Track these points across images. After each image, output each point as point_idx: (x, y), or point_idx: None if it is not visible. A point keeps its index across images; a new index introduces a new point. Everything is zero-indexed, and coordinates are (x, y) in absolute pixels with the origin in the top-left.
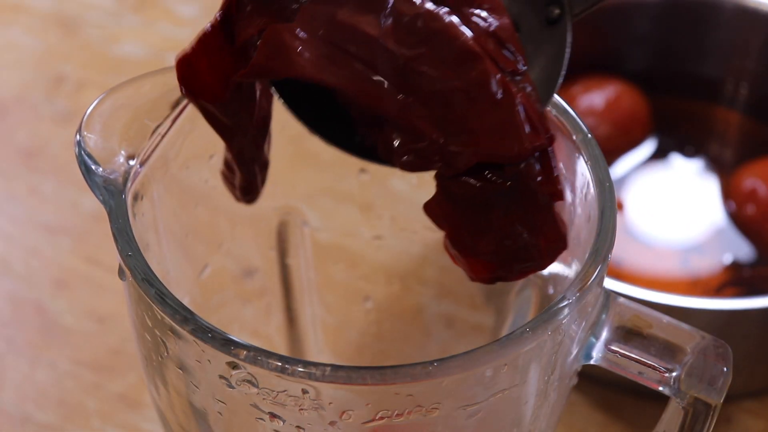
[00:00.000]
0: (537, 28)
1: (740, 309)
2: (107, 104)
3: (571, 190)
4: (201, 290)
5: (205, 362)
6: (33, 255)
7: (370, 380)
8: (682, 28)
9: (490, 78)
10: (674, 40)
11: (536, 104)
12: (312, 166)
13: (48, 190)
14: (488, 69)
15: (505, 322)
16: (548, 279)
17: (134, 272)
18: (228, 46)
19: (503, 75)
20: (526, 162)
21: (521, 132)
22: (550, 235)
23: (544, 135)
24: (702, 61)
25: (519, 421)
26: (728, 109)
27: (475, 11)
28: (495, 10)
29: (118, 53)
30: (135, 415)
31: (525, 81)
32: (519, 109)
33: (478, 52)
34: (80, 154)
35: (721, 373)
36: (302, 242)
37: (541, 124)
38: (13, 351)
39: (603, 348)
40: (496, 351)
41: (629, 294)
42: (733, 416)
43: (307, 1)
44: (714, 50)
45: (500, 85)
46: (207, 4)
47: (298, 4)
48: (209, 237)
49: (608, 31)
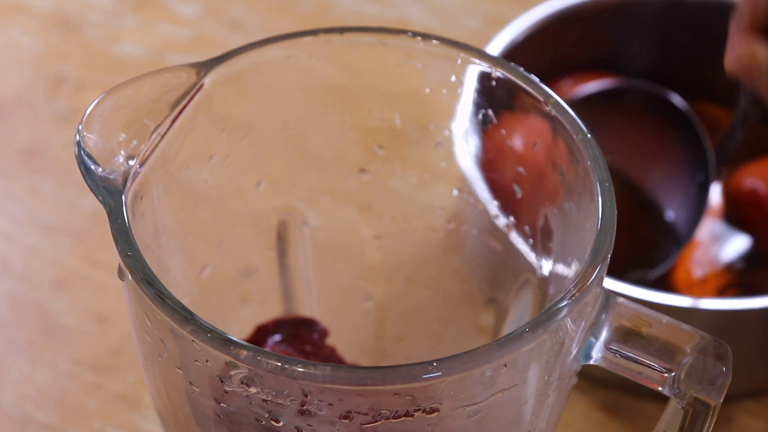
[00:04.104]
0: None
1: (740, 309)
2: (107, 104)
3: (570, 190)
4: (201, 290)
5: (204, 362)
6: (33, 255)
7: (370, 381)
8: (683, 28)
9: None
10: (675, 41)
11: None
12: (312, 166)
13: (48, 190)
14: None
15: (505, 322)
16: (548, 279)
17: (134, 272)
18: None
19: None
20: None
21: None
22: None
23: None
24: (702, 62)
25: (519, 421)
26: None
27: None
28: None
29: (118, 53)
30: (135, 415)
31: None
32: None
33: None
34: (80, 154)
35: (720, 373)
36: (302, 242)
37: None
38: (13, 351)
39: (602, 348)
40: (495, 351)
41: (629, 294)
42: (733, 416)
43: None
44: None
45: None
46: (207, 4)
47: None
48: (209, 237)
49: (609, 31)
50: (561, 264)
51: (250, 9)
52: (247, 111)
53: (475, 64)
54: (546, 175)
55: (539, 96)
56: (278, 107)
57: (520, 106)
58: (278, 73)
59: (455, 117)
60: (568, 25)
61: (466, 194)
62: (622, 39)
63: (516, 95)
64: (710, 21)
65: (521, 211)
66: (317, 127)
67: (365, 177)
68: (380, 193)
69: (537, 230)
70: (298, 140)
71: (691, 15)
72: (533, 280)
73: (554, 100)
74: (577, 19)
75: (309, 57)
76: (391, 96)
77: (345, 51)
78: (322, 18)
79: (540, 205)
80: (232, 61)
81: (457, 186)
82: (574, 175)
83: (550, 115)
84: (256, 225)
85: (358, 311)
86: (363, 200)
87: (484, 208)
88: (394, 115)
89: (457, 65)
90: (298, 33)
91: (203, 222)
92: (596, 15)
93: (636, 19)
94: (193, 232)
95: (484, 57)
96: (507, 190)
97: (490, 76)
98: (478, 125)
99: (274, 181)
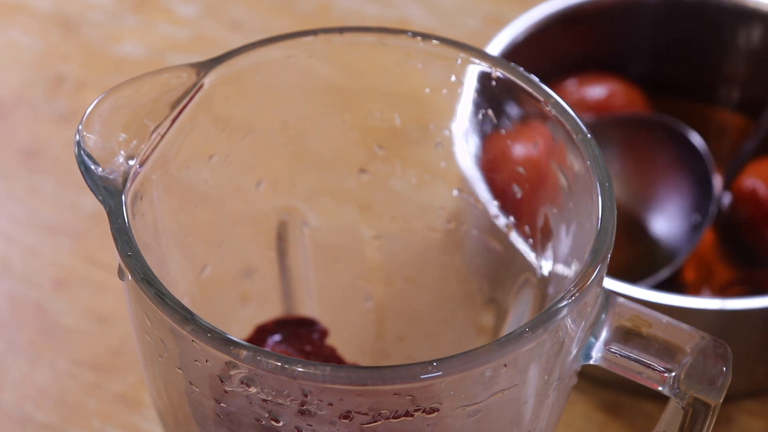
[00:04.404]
0: (683, 229)
1: (740, 309)
2: (107, 104)
3: (570, 191)
4: (201, 290)
5: (204, 362)
6: (33, 255)
7: (370, 381)
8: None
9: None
10: (675, 41)
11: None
12: (312, 166)
13: (48, 190)
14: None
15: (505, 322)
16: (548, 279)
17: (134, 272)
18: None
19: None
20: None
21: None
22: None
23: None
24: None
25: (519, 421)
26: (728, 111)
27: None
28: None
29: (118, 53)
30: (135, 415)
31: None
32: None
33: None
34: (80, 154)
35: (720, 373)
36: (302, 242)
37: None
38: (13, 351)
39: (602, 348)
40: (495, 351)
41: (629, 294)
42: (733, 416)
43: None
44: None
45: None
46: (207, 4)
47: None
48: (209, 237)
49: (609, 32)
50: (561, 264)
51: (250, 9)
52: (247, 111)
53: (475, 64)
54: (546, 175)
55: (539, 96)
56: (278, 107)
57: (520, 106)
58: (278, 73)
59: (455, 117)
60: (568, 25)
61: (466, 194)
62: (622, 39)
63: (516, 95)
64: (710, 21)
65: (521, 211)
66: (317, 127)
67: (365, 177)
68: (380, 193)
69: (537, 230)
70: (298, 140)
71: (691, 15)
72: (533, 280)
73: (554, 100)
74: (577, 19)
75: (309, 57)
76: (391, 96)
77: (345, 51)
78: (322, 18)
79: (540, 205)
80: (232, 61)
81: (457, 186)
82: (574, 175)
83: (550, 115)
84: (256, 225)
85: (358, 311)
86: (363, 200)
87: (484, 208)
88: (394, 115)
89: (457, 65)
90: (298, 33)
91: (203, 222)
92: (596, 15)
93: (636, 19)
94: (193, 232)
95: (484, 57)
96: (507, 190)
97: (490, 76)
98: (477, 125)
99: (274, 181)
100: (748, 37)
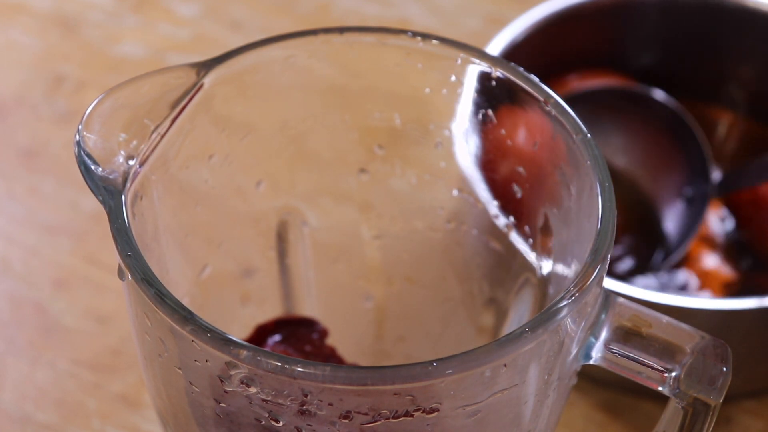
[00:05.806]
0: (676, 203)
1: (740, 309)
2: (107, 104)
3: (570, 191)
4: (201, 290)
5: (204, 362)
6: (33, 255)
7: (370, 381)
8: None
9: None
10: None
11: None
12: (312, 166)
13: (48, 190)
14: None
15: (504, 322)
16: (548, 279)
17: (134, 272)
18: None
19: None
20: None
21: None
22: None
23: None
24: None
25: (518, 421)
26: (729, 110)
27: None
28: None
29: (118, 53)
30: (135, 415)
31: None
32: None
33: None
34: (80, 154)
35: (720, 373)
36: (302, 242)
37: None
38: (13, 351)
39: (602, 348)
40: (495, 351)
41: (629, 294)
42: (733, 416)
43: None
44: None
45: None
46: (207, 4)
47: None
48: (209, 237)
49: (609, 32)
50: (561, 264)
51: (250, 9)
52: (247, 111)
53: (475, 64)
54: (546, 175)
55: (539, 96)
56: (278, 107)
57: (520, 106)
58: (278, 73)
59: (455, 117)
60: (568, 25)
61: (466, 194)
62: (622, 39)
63: (516, 95)
64: (710, 21)
65: (521, 211)
66: (317, 127)
67: (365, 177)
68: (380, 193)
69: (537, 230)
70: (298, 140)
71: (691, 15)
72: (533, 280)
73: (554, 100)
74: (577, 19)
75: (309, 57)
76: (391, 96)
77: (345, 51)
78: (322, 18)
79: (540, 205)
80: (232, 61)
81: (457, 186)
82: (574, 175)
83: (549, 115)
84: (256, 225)
85: (358, 311)
86: (363, 200)
87: (484, 208)
88: (394, 115)
89: (457, 65)
90: (298, 33)
91: (203, 222)
92: (596, 15)
93: (636, 19)
94: (193, 232)
95: (484, 57)
96: (507, 190)
97: (490, 76)
98: (477, 125)
99: (274, 181)
100: (748, 35)
